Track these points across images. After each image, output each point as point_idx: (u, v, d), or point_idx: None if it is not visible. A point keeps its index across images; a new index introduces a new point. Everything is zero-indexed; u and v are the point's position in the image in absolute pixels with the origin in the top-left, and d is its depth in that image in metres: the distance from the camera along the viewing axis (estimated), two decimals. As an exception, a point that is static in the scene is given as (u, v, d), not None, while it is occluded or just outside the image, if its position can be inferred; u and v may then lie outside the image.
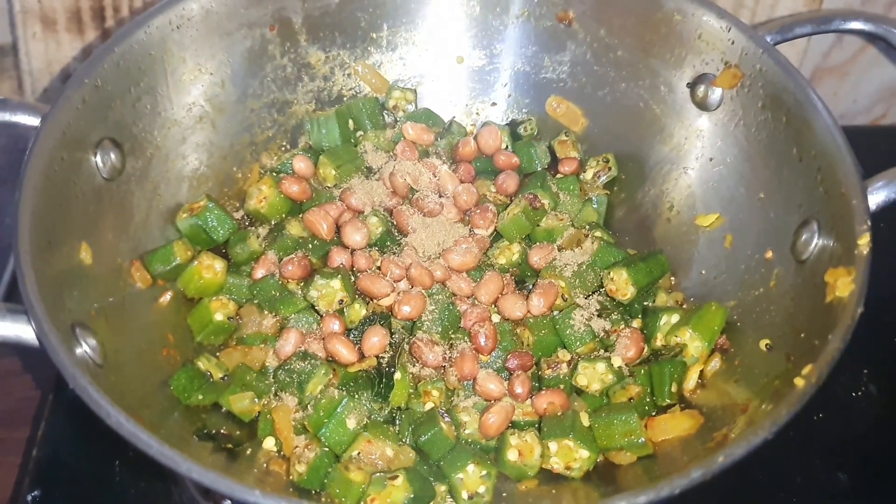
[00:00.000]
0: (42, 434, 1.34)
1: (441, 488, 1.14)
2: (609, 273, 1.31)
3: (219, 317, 1.29)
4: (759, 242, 1.29)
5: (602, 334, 1.28)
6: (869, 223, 1.12)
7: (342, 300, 1.28)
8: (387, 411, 1.20)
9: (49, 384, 1.40)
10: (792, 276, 1.22)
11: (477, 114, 1.58)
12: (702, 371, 1.25)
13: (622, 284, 1.30)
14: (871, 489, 1.37)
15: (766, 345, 1.20)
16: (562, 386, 1.24)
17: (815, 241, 1.20)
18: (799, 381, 1.01)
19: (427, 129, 1.50)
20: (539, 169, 1.49)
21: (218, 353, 1.27)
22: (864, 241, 1.10)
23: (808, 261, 1.20)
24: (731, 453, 0.93)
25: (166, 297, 1.30)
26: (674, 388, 1.22)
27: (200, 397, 1.20)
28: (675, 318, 1.28)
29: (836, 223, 1.16)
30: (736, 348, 1.25)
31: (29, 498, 1.28)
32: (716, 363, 1.25)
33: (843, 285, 1.08)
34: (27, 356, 1.05)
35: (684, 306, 1.34)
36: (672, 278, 1.39)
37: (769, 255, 1.27)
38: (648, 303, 1.33)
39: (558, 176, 1.49)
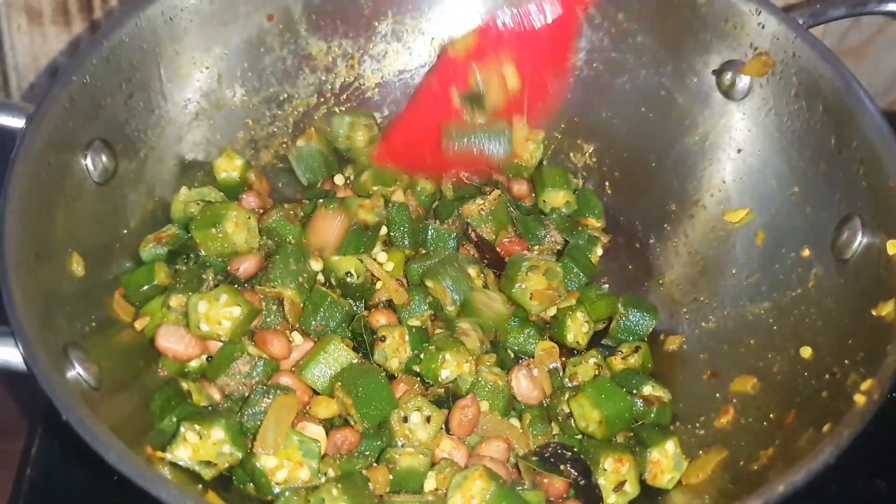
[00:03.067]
0: (36, 451, 1.30)
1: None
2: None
3: (194, 363, 1.20)
4: (795, 240, 1.24)
5: None
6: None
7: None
8: None
9: (39, 397, 1.34)
10: (833, 276, 1.17)
11: (487, 105, 1.52)
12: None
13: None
14: (910, 496, 1.33)
15: (808, 352, 1.14)
16: None
17: (858, 239, 1.15)
18: (860, 399, 0.96)
19: None
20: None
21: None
22: None
23: (850, 260, 1.15)
24: (791, 481, 0.87)
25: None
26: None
27: (174, 420, 1.09)
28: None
29: (883, 220, 1.11)
30: (773, 354, 1.20)
31: (23, 518, 1.23)
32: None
33: None
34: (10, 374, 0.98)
35: None
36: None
37: (806, 253, 1.23)
38: None
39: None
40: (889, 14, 1.27)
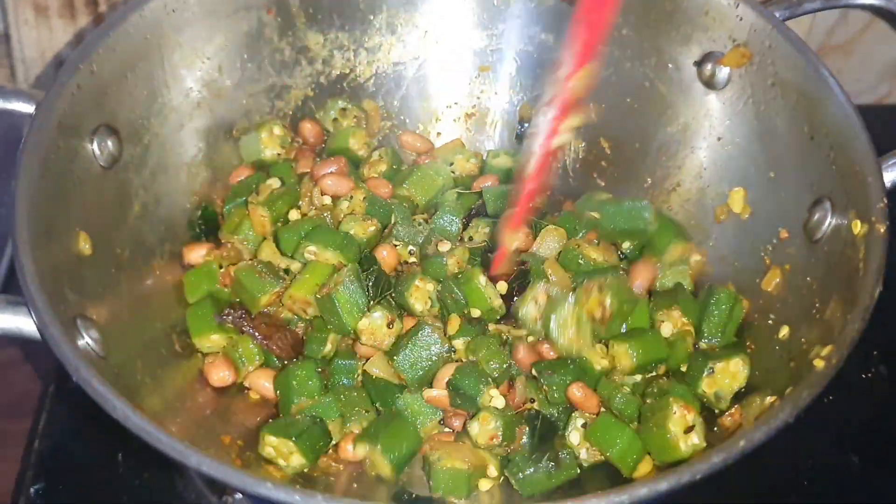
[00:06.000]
0: (44, 426, 1.33)
1: None
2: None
3: None
4: (772, 222, 1.28)
5: None
6: (885, 201, 1.11)
7: None
8: None
9: (50, 375, 1.39)
10: (805, 255, 1.21)
11: (478, 97, 1.56)
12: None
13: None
14: (882, 471, 1.36)
15: (785, 330, 1.19)
16: None
17: (828, 221, 1.18)
18: (819, 363, 1.00)
19: None
20: None
21: None
22: (881, 220, 1.09)
23: (821, 240, 1.19)
24: (751, 437, 0.91)
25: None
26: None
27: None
28: None
29: (850, 202, 1.15)
30: (748, 330, 1.24)
31: (32, 491, 1.27)
32: None
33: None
34: (27, 346, 1.03)
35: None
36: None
37: (784, 234, 1.26)
38: None
39: None
40: (861, 7, 1.31)
